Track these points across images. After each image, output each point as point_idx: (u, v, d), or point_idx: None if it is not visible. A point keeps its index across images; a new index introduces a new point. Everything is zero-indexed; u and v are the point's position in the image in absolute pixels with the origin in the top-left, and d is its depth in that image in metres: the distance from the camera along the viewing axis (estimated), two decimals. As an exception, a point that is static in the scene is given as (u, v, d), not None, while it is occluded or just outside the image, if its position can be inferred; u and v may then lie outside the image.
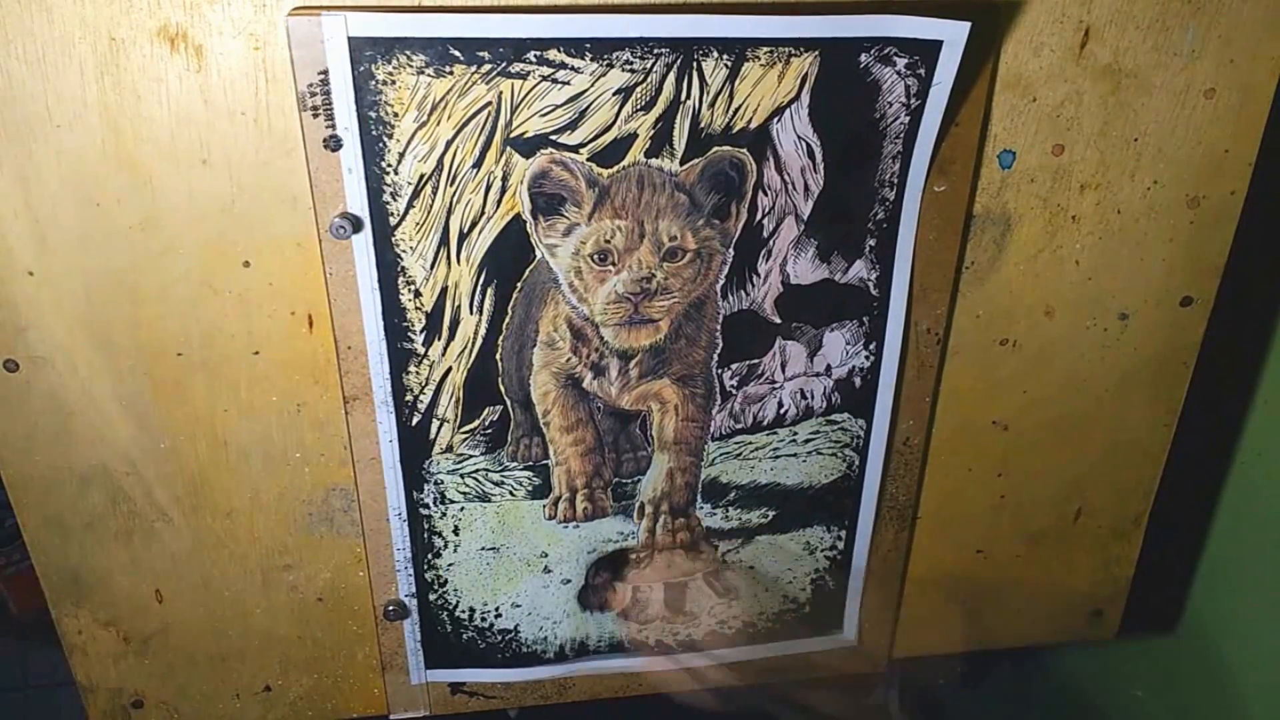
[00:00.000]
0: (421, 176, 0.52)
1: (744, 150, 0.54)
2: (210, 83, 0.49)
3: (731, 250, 0.57)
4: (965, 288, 0.62)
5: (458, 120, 0.51)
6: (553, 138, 0.52)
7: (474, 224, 0.54)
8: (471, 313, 0.56)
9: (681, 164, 0.54)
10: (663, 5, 0.50)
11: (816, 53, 0.51)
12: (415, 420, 0.59)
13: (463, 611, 0.66)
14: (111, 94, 0.49)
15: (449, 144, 0.51)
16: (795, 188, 0.56)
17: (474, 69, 0.49)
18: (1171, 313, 0.64)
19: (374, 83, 0.49)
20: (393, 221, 0.53)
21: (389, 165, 0.51)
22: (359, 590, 0.65)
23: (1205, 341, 0.66)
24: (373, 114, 0.50)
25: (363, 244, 0.53)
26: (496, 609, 0.66)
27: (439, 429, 0.60)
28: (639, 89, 0.51)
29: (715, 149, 0.53)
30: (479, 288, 0.56)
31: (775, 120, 0.53)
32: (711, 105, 0.52)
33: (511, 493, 0.62)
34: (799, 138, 0.54)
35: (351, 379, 0.57)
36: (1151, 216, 0.61)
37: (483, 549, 0.64)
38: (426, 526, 0.63)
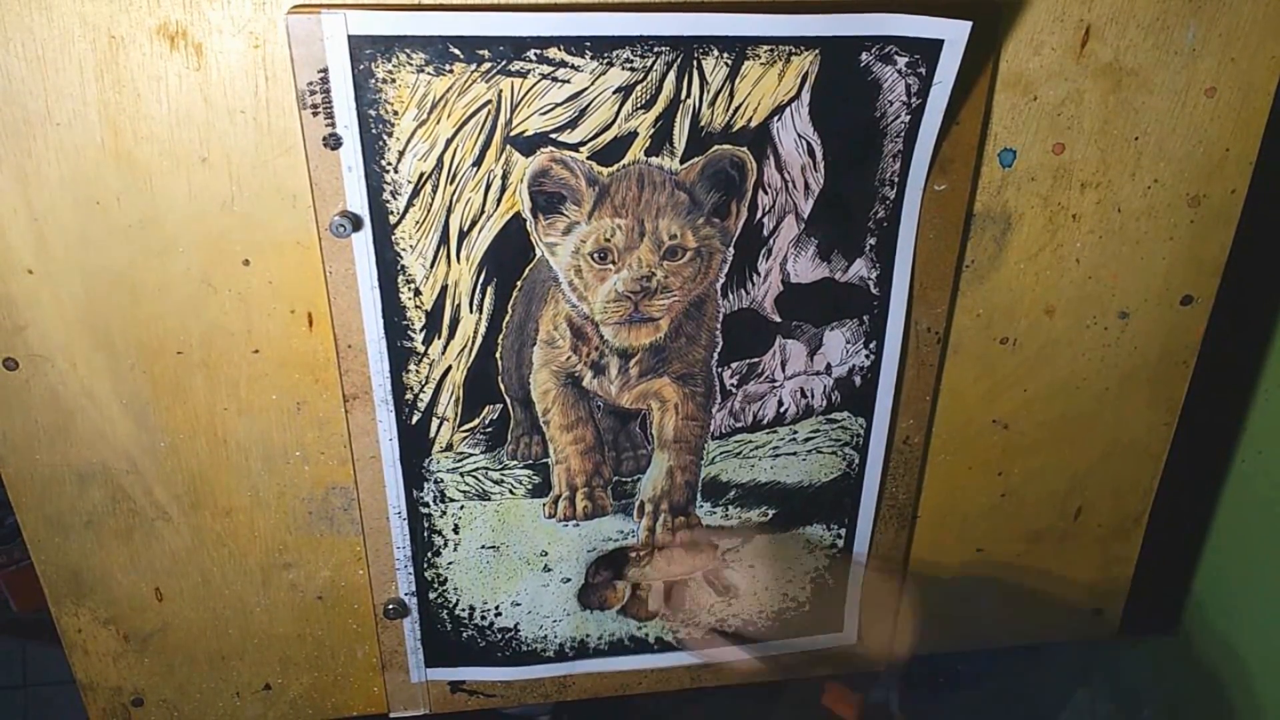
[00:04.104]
0: (421, 175, 0.52)
1: (744, 149, 0.54)
2: (210, 81, 0.49)
3: (731, 249, 0.57)
4: (965, 286, 0.62)
5: (458, 119, 0.51)
6: (553, 136, 0.52)
7: (474, 222, 0.54)
8: (471, 311, 0.56)
9: (682, 162, 0.53)
10: (663, 4, 0.50)
11: (817, 51, 0.51)
12: (415, 419, 0.59)
13: (462, 610, 0.66)
14: (111, 92, 0.49)
15: (449, 142, 0.51)
16: (795, 186, 0.55)
17: (474, 67, 0.49)
18: (1171, 312, 0.64)
19: (374, 81, 0.49)
20: (392, 220, 0.53)
21: (389, 164, 0.51)
22: (359, 589, 0.65)
23: (1205, 341, 0.66)
24: (372, 112, 0.50)
25: (362, 242, 0.53)
26: (496, 607, 0.66)
27: (439, 427, 0.59)
28: (639, 87, 0.51)
29: (715, 147, 0.53)
30: (479, 286, 0.56)
31: (775, 119, 0.53)
32: (712, 104, 0.52)
33: (511, 491, 0.62)
34: (799, 136, 0.54)
35: (351, 377, 0.57)
36: (1152, 215, 0.61)
37: (482, 547, 0.64)
38: (426, 525, 0.63)
